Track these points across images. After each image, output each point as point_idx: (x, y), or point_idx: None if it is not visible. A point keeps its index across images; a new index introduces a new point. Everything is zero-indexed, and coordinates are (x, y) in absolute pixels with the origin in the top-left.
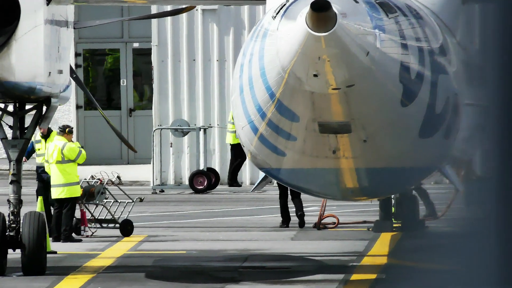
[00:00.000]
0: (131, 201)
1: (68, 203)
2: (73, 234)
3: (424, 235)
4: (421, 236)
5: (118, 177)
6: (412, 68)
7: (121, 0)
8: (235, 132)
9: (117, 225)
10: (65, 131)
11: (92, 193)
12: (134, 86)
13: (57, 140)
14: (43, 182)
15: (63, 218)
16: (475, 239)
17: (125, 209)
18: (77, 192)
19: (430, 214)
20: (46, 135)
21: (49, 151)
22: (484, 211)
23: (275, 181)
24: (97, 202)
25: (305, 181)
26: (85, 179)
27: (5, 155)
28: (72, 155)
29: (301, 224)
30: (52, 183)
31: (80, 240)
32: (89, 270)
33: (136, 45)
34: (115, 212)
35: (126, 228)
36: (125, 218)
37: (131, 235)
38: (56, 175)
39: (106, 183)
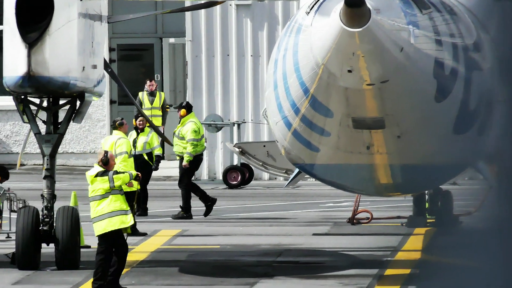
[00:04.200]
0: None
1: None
2: None
3: (458, 231)
4: (454, 232)
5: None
6: (446, 64)
7: None
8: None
9: None
10: (116, 125)
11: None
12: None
13: (113, 135)
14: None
15: None
16: (508, 235)
17: None
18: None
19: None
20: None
21: (105, 145)
22: None
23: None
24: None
25: (339, 177)
26: None
27: (39, 150)
28: (118, 149)
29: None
30: None
31: (145, 234)
32: None
33: (172, 40)
34: None
35: None
36: None
37: (164, 230)
38: None
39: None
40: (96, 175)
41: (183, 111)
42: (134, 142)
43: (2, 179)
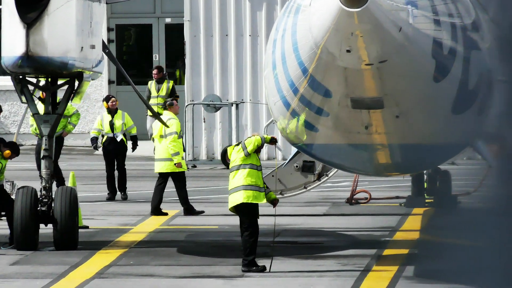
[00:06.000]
0: None
1: (174, 180)
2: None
3: (457, 211)
4: (453, 212)
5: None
6: (445, 44)
7: None
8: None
9: None
10: (166, 105)
11: None
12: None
13: (164, 115)
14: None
15: (178, 193)
16: (507, 215)
17: None
18: (172, 167)
19: None
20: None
21: (155, 126)
22: None
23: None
24: None
25: (337, 157)
26: None
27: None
28: (168, 130)
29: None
30: (155, 157)
31: (202, 212)
32: (121, 245)
33: (168, 20)
34: None
35: None
36: None
37: (163, 210)
38: (158, 149)
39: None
40: (234, 146)
41: None
42: (111, 124)
43: (13, 154)
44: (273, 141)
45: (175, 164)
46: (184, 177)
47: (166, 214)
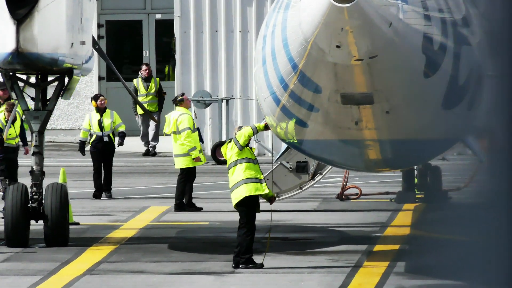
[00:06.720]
0: None
1: (181, 173)
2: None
3: (447, 206)
4: (443, 207)
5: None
6: (435, 39)
7: None
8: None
9: None
10: (176, 101)
11: None
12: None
13: (175, 111)
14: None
15: (177, 186)
16: (498, 211)
17: None
18: (189, 162)
19: None
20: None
21: (169, 122)
22: (507, 182)
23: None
24: None
25: (327, 153)
26: None
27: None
28: (181, 126)
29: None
30: (173, 153)
31: (200, 209)
32: (112, 241)
33: (158, 16)
34: None
35: None
36: None
37: (153, 206)
38: (173, 146)
39: None
40: (227, 144)
41: None
42: (100, 122)
43: None
44: (267, 127)
45: (193, 159)
46: (189, 174)
47: (201, 209)
